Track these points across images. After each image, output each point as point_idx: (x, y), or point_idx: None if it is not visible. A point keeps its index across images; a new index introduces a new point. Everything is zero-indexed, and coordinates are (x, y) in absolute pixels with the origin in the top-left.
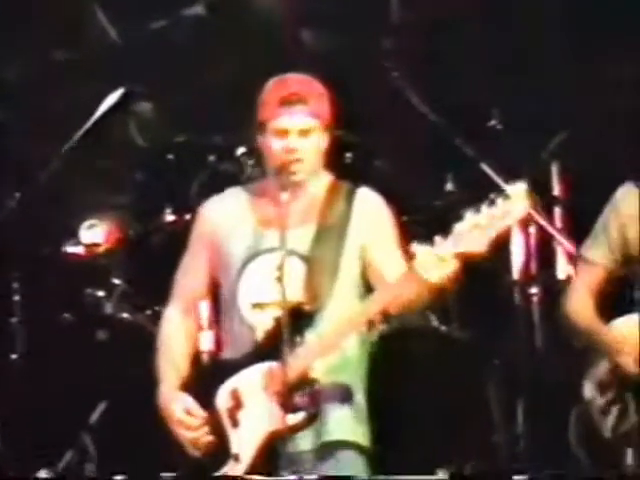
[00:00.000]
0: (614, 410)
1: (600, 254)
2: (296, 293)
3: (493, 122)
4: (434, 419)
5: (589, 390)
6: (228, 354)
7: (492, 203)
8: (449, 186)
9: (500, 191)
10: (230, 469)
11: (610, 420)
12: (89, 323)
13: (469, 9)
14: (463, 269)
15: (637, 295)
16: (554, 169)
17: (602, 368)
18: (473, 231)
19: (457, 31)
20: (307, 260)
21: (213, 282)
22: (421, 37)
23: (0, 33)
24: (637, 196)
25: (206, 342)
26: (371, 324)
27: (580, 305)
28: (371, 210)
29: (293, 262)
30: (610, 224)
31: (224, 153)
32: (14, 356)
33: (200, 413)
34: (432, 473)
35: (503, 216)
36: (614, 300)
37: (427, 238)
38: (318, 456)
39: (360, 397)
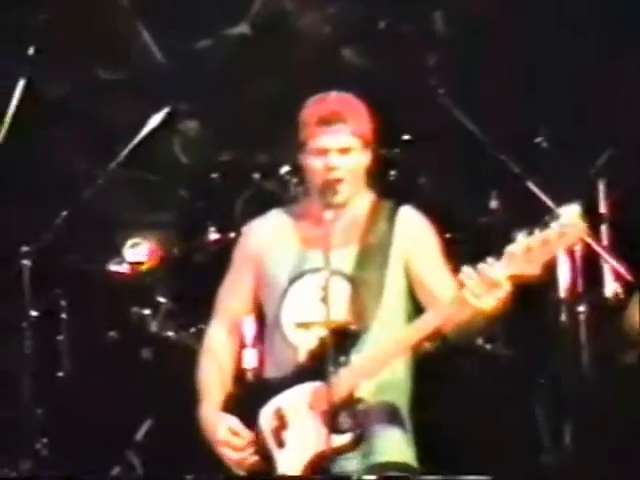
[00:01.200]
0: None
1: None
2: (340, 313)
3: (539, 139)
4: (479, 439)
5: None
6: (271, 373)
7: (546, 226)
8: (493, 204)
9: (550, 211)
10: None
11: None
12: (134, 341)
13: (515, 25)
14: (515, 291)
15: None
16: (601, 186)
17: None
18: (526, 254)
19: (503, 46)
20: (351, 280)
21: (256, 301)
22: (466, 53)
23: (49, 51)
24: None
25: (250, 360)
26: (419, 346)
27: None
28: (413, 228)
29: (337, 282)
30: None
31: (268, 171)
32: (60, 374)
33: (245, 433)
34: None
35: (557, 240)
36: None
37: (472, 256)
38: (367, 477)
39: (406, 417)
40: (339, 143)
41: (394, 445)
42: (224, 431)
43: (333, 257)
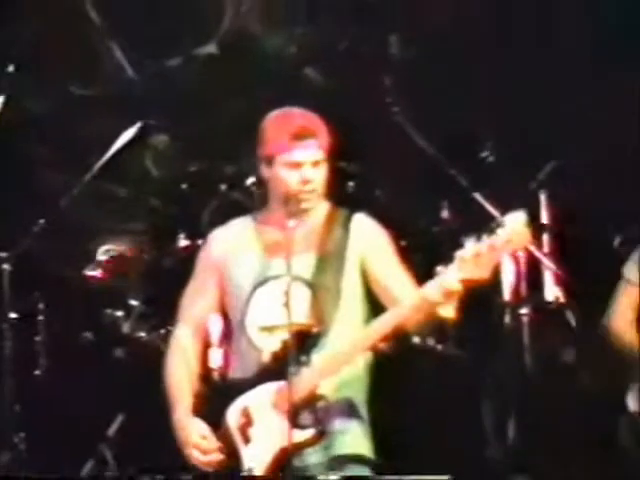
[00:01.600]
0: None
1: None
2: (301, 316)
3: (485, 154)
4: (430, 433)
5: (633, 404)
6: (237, 374)
7: (492, 232)
8: (444, 214)
9: (499, 220)
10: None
11: None
12: (108, 342)
13: (465, 47)
14: (464, 294)
15: None
16: (542, 198)
17: None
18: (475, 258)
19: (453, 68)
20: (311, 285)
21: (220, 305)
22: (419, 74)
23: (27, 69)
24: None
25: (216, 359)
26: (376, 346)
27: (624, 323)
28: (367, 233)
29: (298, 288)
30: None
31: (234, 182)
32: (37, 372)
33: (213, 438)
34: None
35: (503, 245)
36: None
37: (425, 262)
38: (327, 470)
39: (364, 412)
40: (312, 156)
41: (353, 438)
42: (195, 436)
43: (294, 264)
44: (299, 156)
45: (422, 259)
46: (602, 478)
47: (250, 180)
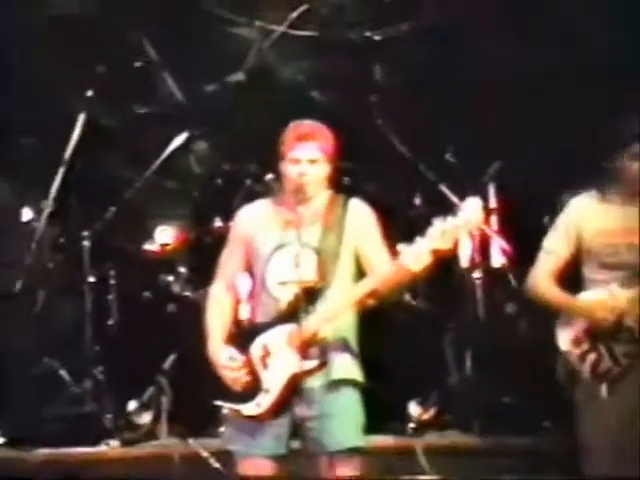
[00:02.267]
0: (590, 357)
1: (559, 246)
2: (309, 275)
3: (448, 155)
4: (407, 366)
5: (564, 344)
6: (259, 319)
7: (455, 215)
8: (417, 201)
9: (459, 206)
10: (261, 399)
11: (587, 365)
12: (162, 299)
13: (432, 74)
14: (434, 261)
15: (587, 276)
16: (491, 188)
17: (575, 328)
18: (442, 234)
19: (424, 88)
20: (317, 251)
21: (247, 267)
22: (397, 94)
23: (101, 92)
24: (587, 203)
25: (244, 312)
26: (362, 301)
27: (545, 285)
28: (360, 212)
29: (306, 253)
30: (568, 224)
31: (256, 178)
32: (110, 322)
33: (240, 359)
34: (407, 401)
35: (464, 224)
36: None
37: (404, 238)
38: (326, 390)
39: (354, 347)
40: (309, 156)
41: (347, 367)
42: (224, 358)
43: (303, 235)
44: (298, 154)
45: (400, 235)
46: (540, 400)
47: (268, 176)
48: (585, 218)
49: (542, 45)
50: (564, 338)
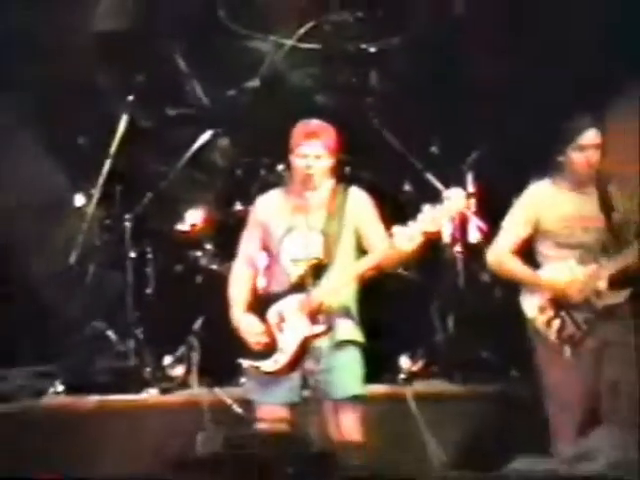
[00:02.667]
0: (554, 323)
1: (518, 226)
2: (316, 253)
3: (433, 148)
4: (399, 327)
5: (530, 311)
6: (274, 290)
7: (441, 201)
8: (407, 187)
9: (445, 194)
10: (277, 357)
11: (553, 330)
12: (191, 272)
13: (419, 80)
14: (424, 241)
15: (542, 252)
16: (469, 175)
17: (539, 297)
18: (432, 219)
19: (411, 94)
20: (322, 233)
21: (264, 246)
22: (389, 96)
23: (139, 96)
24: (543, 190)
25: (261, 283)
26: (362, 275)
27: (507, 259)
28: (358, 198)
29: (314, 235)
30: (527, 207)
31: (270, 169)
32: (148, 291)
33: (259, 325)
34: (399, 356)
35: (449, 210)
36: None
37: (395, 219)
38: (332, 349)
39: (355, 313)
40: (314, 152)
41: (348, 330)
42: (245, 324)
43: (310, 219)
44: (305, 150)
45: (392, 216)
46: (509, 354)
47: (280, 167)
48: (542, 203)
49: (517, 58)
50: (530, 306)
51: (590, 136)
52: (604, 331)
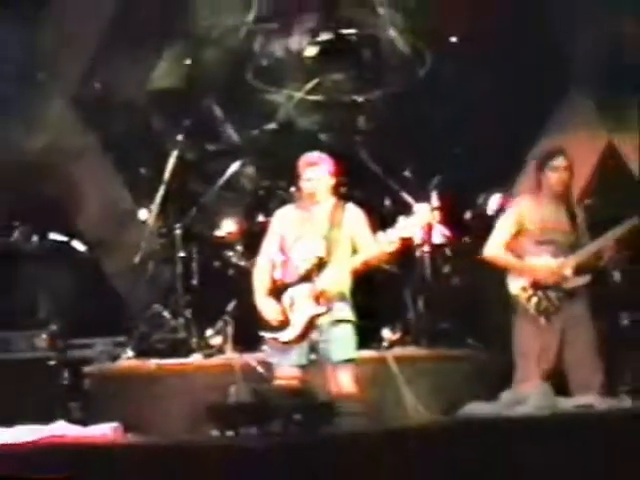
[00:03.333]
0: (533, 299)
1: (507, 228)
2: (319, 253)
3: (406, 173)
4: (382, 307)
5: (514, 290)
6: (287, 280)
7: (413, 214)
8: (387, 203)
9: (416, 208)
10: (290, 331)
11: (532, 304)
12: (225, 267)
13: (395, 123)
14: (400, 245)
15: (525, 248)
16: (434, 194)
17: (522, 280)
18: (405, 227)
19: (389, 134)
20: (325, 238)
21: (281, 248)
22: (373, 136)
23: (189, 136)
24: (526, 202)
25: (278, 275)
26: (355, 270)
27: (500, 253)
28: (353, 212)
29: (318, 239)
30: (515, 215)
31: (285, 190)
32: (193, 281)
33: (276, 307)
34: (382, 329)
35: (419, 220)
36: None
37: (379, 226)
38: (331, 326)
39: (349, 298)
40: (315, 176)
41: (344, 311)
42: (266, 306)
43: (316, 228)
44: (309, 175)
45: (377, 226)
46: (466, 326)
47: (292, 189)
48: (526, 211)
49: (484, 86)
50: (514, 286)
51: (561, 160)
52: (569, 306)
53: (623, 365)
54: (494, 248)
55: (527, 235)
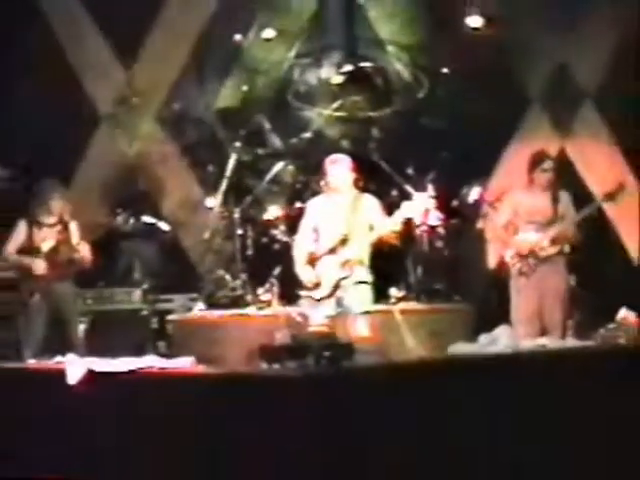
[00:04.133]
0: (517, 265)
1: (506, 213)
2: (343, 232)
3: (410, 170)
4: (391, 273)
5: (507, 258)
6: (320, 253)
7: (414, 200)
8: (394, 193)
9: (416, 196)
10: (322, 290)
11: (515, 269)
12: (273, 242)
13: (401, 134)
14: (405, 225)
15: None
16: (430, 186)
17: (511, 251)
18: (409, 210)
19: (395, 142)
20: (347, 221)
21: (315, 228)
22: (383, 143)
23: (243, 142)
24: (518, 193)
25: (312, 248)
26: (372, 244)
27: (501, 231)
28: (370, 201)
29: (342, 222)
30: (510, 202)
31: (317, 183)
32: (249, 252)
33: (312, 272)
34: (390, 289)
35: (418, 205)
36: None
37: (388, 213)
38: (352, 286)
39: (367, 265)
40: (338, 172)
41: (362, 274)
42: (303, 271)
43: (341, 212)
44: (333, 172)
45: (387, 211)
46: (453, 286)
47: (322, 182)
48: (519, 199)
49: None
50: (507, 254)
51: (549, 163)
52: (545, 270)
53: (571, 314)
54: (496, 227)
55: (520, 218)
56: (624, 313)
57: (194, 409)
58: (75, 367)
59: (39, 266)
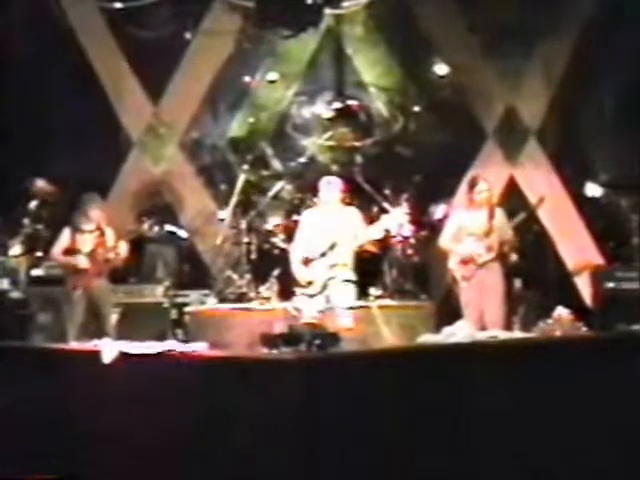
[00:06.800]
0: (460, 271)
1: (452, 227)
2: (333, 240)
3: (387, 191)
4: (370, 274)
5: (452, 265)
6: (312, 257)
7: (391, 215)
8: (374, 209)
9: (393, 212)
10: (313, 288)
11: (460, 273)
12: (273, 247)
13: (380, 160)
14: (384, 235)
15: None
16: (404, 204)
17: (455, 258)
18: (387, 223)
19: (376, 167)
20: (335, 231)
21: (307, 236)
22: (365, 167)
23: (251, 166)
24: (462, 211)
25: (306, 253)
26: (356, 251)
27: (448, 244)
28: (355, 214)
29: (333, 230)
30: (456, 218)
31: (311, 199)
32: (252, 256)
33: (305, 272)
34: (370, 288)
35: (395, 219)
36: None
37: (370, 224)
38: (340, 284)
39: (351, 267)
40: (329, 192)
41: (347, 275)
42: (298, 272)
43: (331, 223)
44: (324, 192)
45: (369, 223)
46: (421, 288)
47: (315, 199)
48: (462, 217)
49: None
50: (452, 262)
51: (483, 185)
52: (484, 274)
53: (516, 310)
54: (444, 240)
55: (463, 232)
56: (559, 310)
57: (206, 385)
58: (109, 349)
59: (82, 263)
